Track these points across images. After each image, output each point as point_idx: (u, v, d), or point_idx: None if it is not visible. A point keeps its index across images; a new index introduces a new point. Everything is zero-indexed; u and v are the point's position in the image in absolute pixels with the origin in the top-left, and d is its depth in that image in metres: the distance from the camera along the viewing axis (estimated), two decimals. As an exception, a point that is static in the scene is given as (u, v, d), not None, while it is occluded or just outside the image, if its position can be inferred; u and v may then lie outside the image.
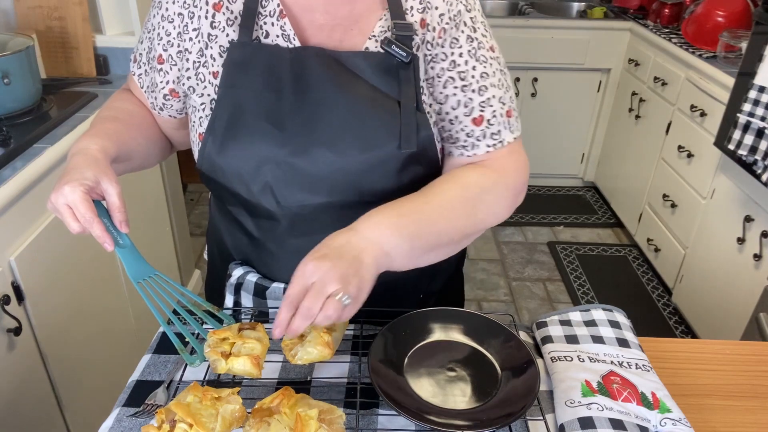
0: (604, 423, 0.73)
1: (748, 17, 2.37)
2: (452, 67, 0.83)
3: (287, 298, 0.69)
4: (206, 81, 0.84)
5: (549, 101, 3.25)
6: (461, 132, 0.86)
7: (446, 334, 0.86)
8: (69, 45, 1.90)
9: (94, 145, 0.79)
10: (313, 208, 0.84)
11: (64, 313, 1.48)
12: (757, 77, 1.77)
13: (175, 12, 0.83)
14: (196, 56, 0.83)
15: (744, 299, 1.97)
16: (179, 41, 0.84)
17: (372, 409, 0.78)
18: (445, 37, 0.82)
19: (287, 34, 0.81)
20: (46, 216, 1.42)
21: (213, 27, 0.82)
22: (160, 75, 0.88)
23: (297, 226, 0.86)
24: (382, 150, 0.81)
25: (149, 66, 0.90)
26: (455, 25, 0.82)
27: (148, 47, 0.89)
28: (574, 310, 0.94)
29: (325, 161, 0.81)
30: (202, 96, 0.85)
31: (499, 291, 2.68)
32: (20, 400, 1.32)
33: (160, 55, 0.86)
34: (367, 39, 0.83)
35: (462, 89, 0.84)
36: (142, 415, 0.77)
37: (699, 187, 2.32)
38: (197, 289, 2.54)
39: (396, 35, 0.81)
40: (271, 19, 0.81)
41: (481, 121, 0.84)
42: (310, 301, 0.67)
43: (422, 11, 0.81)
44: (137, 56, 0.92)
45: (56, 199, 0.73)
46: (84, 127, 1.57)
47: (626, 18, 3.05)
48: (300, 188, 0.83)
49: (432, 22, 0.82)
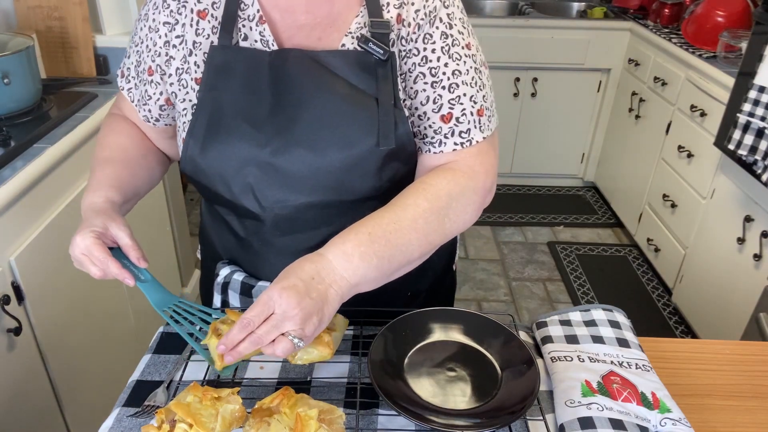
0: (604, 423, 0.73)
1: (748, 17, 2.37)
2: (423, 62, 0.83)
3: (243, 320, 0.67)
4: (188, 87, 0.85)
5: (549, 101, 3.25)
6: (429, 129, 0.85)
7: (446, 334, 0.86)
8: (69, 45, 1.90)
9: (99, 198, 0.84)
10: (294, 208, 0.85)
11: (64, 313, 1.48)
12: (757, 77, 1.77)
13: (161, 21, 0.84)
14: (180, 62, 0.84)
15: (744, 299, 1.97)
16: (165, 50, 0.84)
17: (372, 409, 0.78)
18: (419, 33, 0.82)
19: (266, 39, 0.82)
20: (46, 216, 1.42)
21: (198, 34, 0.83)
22: (152, 87, 0.89)
23: (280, 225, 0.87)
24: (360, 148, 0.81)
25: (139, 79, 0.90)
26: (430, 21, 0.82)
27: (136, 60, 0.89)
28: (574, 310, 0.94)
29: (304, 161, 0.81)
30: (184, 101, 0.86)
31: (499, 291, 2.68)
32: (20, 400, 1.32)
33: (149, 66, 0.87)
34: (344, 36, 0.83)
35: (432, 85, 0.83)
36: (142, 415, 0.77)
37: (699, 187, 2.32)
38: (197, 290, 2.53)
39: (372, 33, 0.81)
40: (250, 24, 0.82)
41: (450, 119, 0.83)
42: (264, 330, 0.67)
43: (399, 6, 0.81)
44: (125, 71, 0.93)
45: (73, 251, 0.77)
46: (84, 127, 1.57)
47: (626, 18, 3.05)
48: (280, 188, 0.83)
49: (408, 18, 0.82)
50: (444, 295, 1.11)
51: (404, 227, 0.77)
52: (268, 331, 0.67)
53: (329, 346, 0.75)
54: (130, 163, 0.92)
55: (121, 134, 0.95)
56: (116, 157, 0.91)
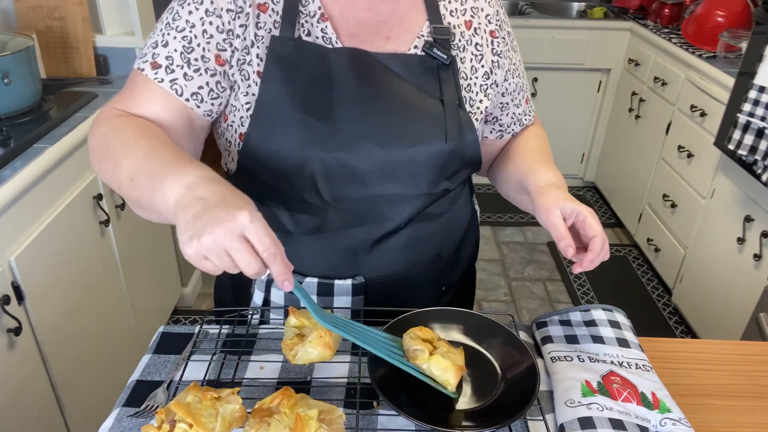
0: (604, 423, 0.73)
1: (748, 17, 2.37)
2: (510, 60, 0.94)
3: (600, 236, 0.77)
4: (250, 80, 0.81)
5: (549, 101, 3.25)
6: (515, 114, 0.99)
7: (446, 334, 0.86)
8: (69, 45, 1.90)
9: (209, 172, 0.66)
10: (353, 202, 0.85)
11: (64, 313, 1.48)
12: (757, 77, 1.77)
13: (223, 8, 0.79)
14: (242, 53, 0.80)
15: (744, 299, 1.97)
16: (229, 38, 0.79)
17: (372, 409, 0.78)
18: (501, 34, 0.92)
19: (328, 36, 0.82)
20: (46, 216, 1.42)
21: (259, 27, 0.81)
22: (222, 78, 0.80)
23: (338, 219, 0.87)
24: (429, 143, 0.83)
25: (192, 67, 0.78)
26: (501, 23, 0.93)
27: (183, 47, 0.78)
28: (574, 310, 0.94)
29: (371, 155, 0.82)
30: (247, 95, 0.81)
31: (499, 291, 2.68)
32: (20, 400, 1.32)
33: (217, 55, 0.79)
34: (416, 38, 0.86)
35: (519, 76, 0.97)
36: (142, 415, 0.77)
37: (699, 187, 2.32)
38: (197, 289, 2.54)
39: (435, 38, 0.86)
40: (312, 20, 0.82)
41: (528, 100, 1.02)
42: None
43: (464, 13, 0.89)
44: (157, 62, 0.78)
45: (233, 230, 0.58)
46: (84, 127, 1.56)
47: (626, 18, 3.05)
48: (344, 182, 0.83)
49: (481, 23, 0.90)
50: (470, 288, 1.13)
51: (551, 155, 0.97)
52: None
53: (329, 346, 0.75)
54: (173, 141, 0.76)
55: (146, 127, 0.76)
56: (161, 136, 0.74)
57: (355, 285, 0.91)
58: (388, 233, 0.89)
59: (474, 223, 1.06)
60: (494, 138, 1.01)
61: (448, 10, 0.88)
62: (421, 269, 0.94)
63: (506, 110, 0.97)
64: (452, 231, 0.97)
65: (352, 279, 0.91)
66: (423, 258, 0.94)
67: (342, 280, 0.91)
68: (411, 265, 0.93)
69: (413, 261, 0.93)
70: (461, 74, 0.88)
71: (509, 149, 1.00)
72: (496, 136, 1.00)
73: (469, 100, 0.89)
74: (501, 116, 0.98)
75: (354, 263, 0.90)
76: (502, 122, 0.99)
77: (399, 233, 0.90)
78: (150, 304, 2.06)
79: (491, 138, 1.01)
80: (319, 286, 0.91)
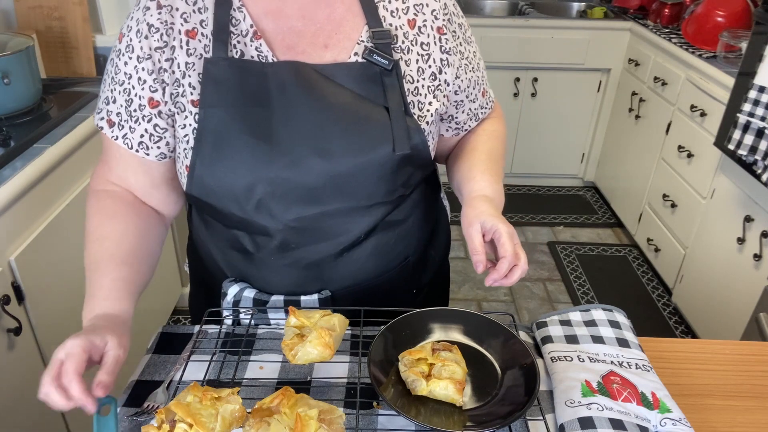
0: (604, 423, 0.73)
1: (748, 17, 2.37)
2: (462, 55, 0.89)
3: (509, 256, 0.77)
4: (186, 111, 0.80)
5: (549, 101, 3.25)
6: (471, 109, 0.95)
7: (446, 334, 0.86)
8: (69, 45, 1.90)
9: (114, 308, 0.78)
10: (308, 220, 0.84)
11: (64, 313, 1.48)
12: (757, 77, 1.77)
13: (153, 47, 0.78)
14: (173, 87, 0.80)
15: (744, 299, 1.97)
16: (160, 77, 0.79)
17: (372, 409, 0.78)
18: (449, 29, 0.87)
19: (264, 54, 0.80)
20: (46, 216, 1.42)
21: (189, 54, 0.79)
22: (162, 119, 0.82)
23: (294, 238, 0.86)
24: (376, 153, 0.81)
25: (136, 117, 0.82)
26: (451, 15, 0.87)
27: (125, 101, 0.81)
28: (574, 310, 0.94)
29: (318, 170, 0.80)
30: (184, 127, 0.81)
31: (499, 291, 2.68)
32: (20, 400, 1.32)
33: (150, 98, 0.80)
34: (356, 44, 0.83)
35: (472, 70, 0.92)
36: (142, 415, 0.77)
37: (699, 187, 2.32)
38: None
39: (375, 43, 0.82)
40: (245, 39, 0.80)
41: (485, 92, 0.97)
42: (524, 255, 0.79)
43: (406, 12, 0.84)
44: (112, 119, 0.82)
45: (56, 352, 0.72)
46: (84, 127, 1.57)
47: (626, 18, 3.05)
48: (294, 201, 0.82)
49: (427, 21, 0.84)
50: (442, 286, 1.13)
51: (501, 155, 0.96)
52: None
53: (329, 347, 0.75)
54: (135, 256, 0.84)
55: (114, 219, 0.85)
56: (119, 254, 0.82)
57: (321, 299, 0.90)
58: (350, 245, 0.88)
59: (443, 220, 1.05)
60: (451, 135, 0.98)
61: (389, 11, 0.84)
62: (389, 275, 0.93)
63: (461, 107, 0.93)
64: (418, 234, 0.96)
65: (318, 294, 0.91)
66: (390, 265, 0.93)
67: (308, 295, 0.90)
68: (378, 273, 0.92)
69: (380, 269, 0.92)
70: (407, 78, 0.84)
71: (459, 148, 0.98)
72: (453, 133, 0.97)
73: (417, 104, 0.85)
74: (456, 114, 0.94)
75: (319, 278, 0.90)
76: (458, 120, 0.95)
77: (362, 244, 0.89)
78: (150, 304, 2.06)
79: (447, 135, 0.98)
80: (286, 303, 0.90)
